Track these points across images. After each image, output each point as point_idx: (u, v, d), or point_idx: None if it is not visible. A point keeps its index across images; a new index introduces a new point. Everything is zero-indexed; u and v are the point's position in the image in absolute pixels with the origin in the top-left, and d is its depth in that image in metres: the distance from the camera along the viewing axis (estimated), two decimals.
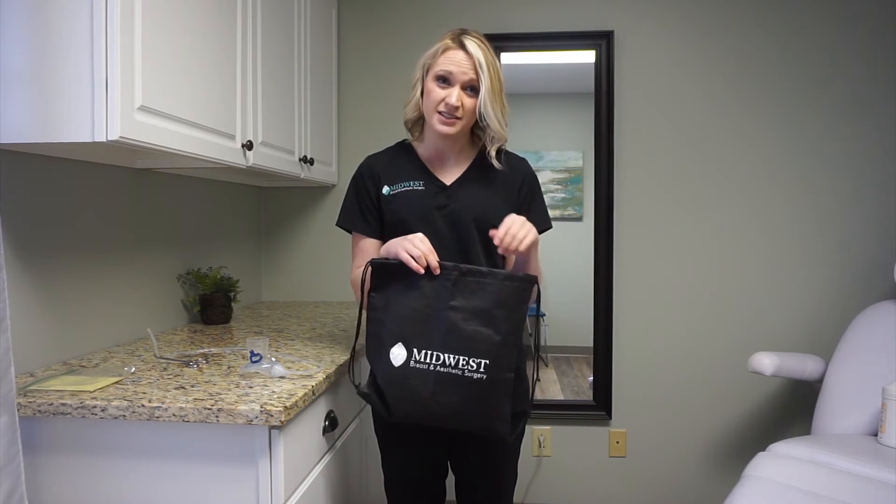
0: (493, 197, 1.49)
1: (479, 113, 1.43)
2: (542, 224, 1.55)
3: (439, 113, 1.42)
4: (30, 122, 1.23)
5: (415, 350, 1.32)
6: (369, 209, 1.51)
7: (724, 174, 2.61)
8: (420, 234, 1.37)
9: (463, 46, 1.42)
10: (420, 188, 1.48)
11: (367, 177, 1.52)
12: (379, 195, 1.50)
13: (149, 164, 1.81)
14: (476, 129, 1.51)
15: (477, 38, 1.44)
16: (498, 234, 1.35)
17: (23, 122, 1.23)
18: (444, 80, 1.42)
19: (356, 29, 2.72)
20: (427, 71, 1.45)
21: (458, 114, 1.42)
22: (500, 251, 1.37)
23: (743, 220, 2.61)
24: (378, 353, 1.36)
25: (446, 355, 1.30)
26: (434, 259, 1.33)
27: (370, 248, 1.51)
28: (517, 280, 1.35)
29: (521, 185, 1.53)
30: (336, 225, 1.58)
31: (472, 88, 1.42)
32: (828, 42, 2.55)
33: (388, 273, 1.37)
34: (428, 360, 1.31)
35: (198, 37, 1.54)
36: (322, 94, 2.52)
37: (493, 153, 1.49)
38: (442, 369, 1.30)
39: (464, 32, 1.45)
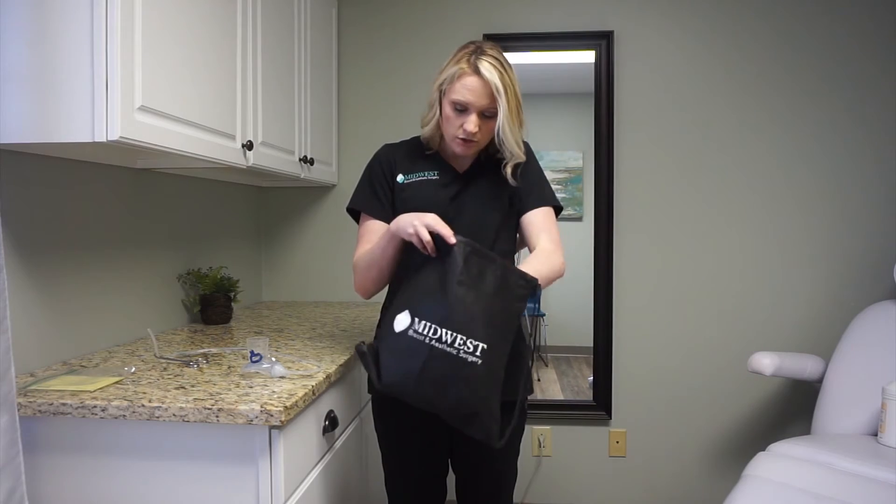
0: (503, 186, 1.50)
1: (498, 137, 1.43)
2: (549, 200, 1.54)
3: (458, 138, 1.43)
4: (30, 122, 1.23)
5: (416, 319, 1.27)
6: (383, 191, 1.52)
7: (724, 174, 2.61)
8: (431, 214, 1.32)
9: (477, 71, 1.38)
10: (434, 177, 1.50)
11: (384, 162, 1.54)
12: (393, 181, 1.52)
13: (149, 164, 1.81)
14: None
15: (492, 57, 1.39)
16: None
17: (23, 122, 1.23)
18: (461, 107, 1.40)
19: (356, 28, 2.72)
20: (443, 94, 1.43)
21: (476, 138, 1.42)
22: None
23: (742, 219, 2.61)
24: (386, 319, 1.34)
25: (444, 330, 1.24)
26: (445, 230, 1.29)
27: (379, 230, 1.49)
28: (516, 276, 1.31)
29: (524, 170, 1.52)
30: (346, 209, 1.58)
31: (490, 111, 1.41)
32: (830, 42, 2.54)
33: (410, 247, 1.36)
34: (425, 332, 1.25)
35: (198, 37, 1.54)
36: (322, 94, 2.52)
37: (508, 171, 1.48)
38: (437, 344, 1.24)
39: (479, 52, 1.40)
